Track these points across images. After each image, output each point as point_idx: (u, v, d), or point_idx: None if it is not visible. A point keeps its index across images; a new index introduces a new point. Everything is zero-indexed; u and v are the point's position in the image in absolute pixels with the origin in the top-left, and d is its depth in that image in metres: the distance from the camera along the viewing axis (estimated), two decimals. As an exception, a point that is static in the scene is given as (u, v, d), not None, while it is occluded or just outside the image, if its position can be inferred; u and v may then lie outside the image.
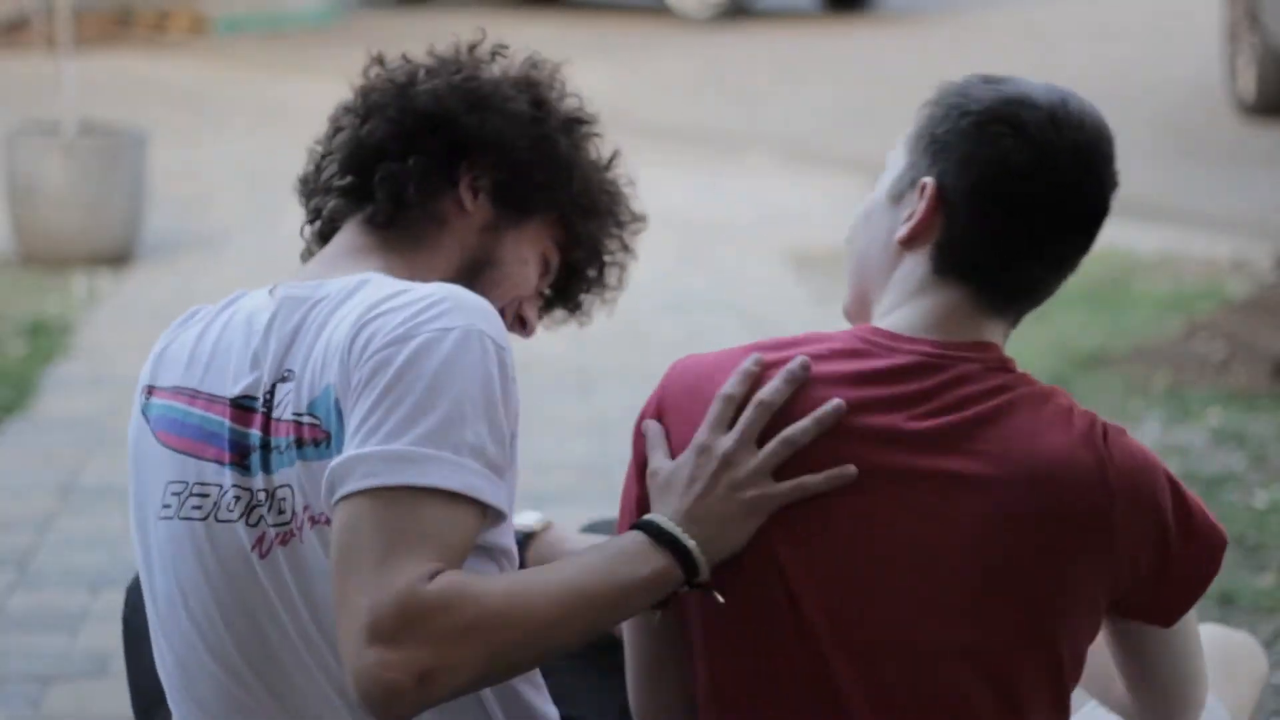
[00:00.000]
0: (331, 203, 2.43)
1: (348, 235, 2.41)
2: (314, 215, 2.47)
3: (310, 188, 2.47)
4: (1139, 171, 10.54)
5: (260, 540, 2.19)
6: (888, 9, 17.59)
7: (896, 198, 2.23)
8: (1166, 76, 12.95)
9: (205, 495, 2.22)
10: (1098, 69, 13.53)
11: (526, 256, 2.44)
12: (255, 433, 2.20)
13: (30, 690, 4.08)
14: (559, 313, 2.57)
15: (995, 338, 2.20)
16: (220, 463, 2.22)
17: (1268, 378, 6.12)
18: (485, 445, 2.07)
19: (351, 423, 2.09)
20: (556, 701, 2.32)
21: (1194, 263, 8.02)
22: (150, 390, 2.31)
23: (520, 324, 2.48)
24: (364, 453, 2.04)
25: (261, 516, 2.19)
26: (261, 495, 2.19)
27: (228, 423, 2.22)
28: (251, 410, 2.21)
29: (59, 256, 8.06)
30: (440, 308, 2.13)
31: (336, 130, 2.45)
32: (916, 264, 2.20)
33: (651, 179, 10.53)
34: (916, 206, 2.19)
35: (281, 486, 2.18)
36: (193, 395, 2.26)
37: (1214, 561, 2.19)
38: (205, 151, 10.99)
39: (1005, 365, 2.18)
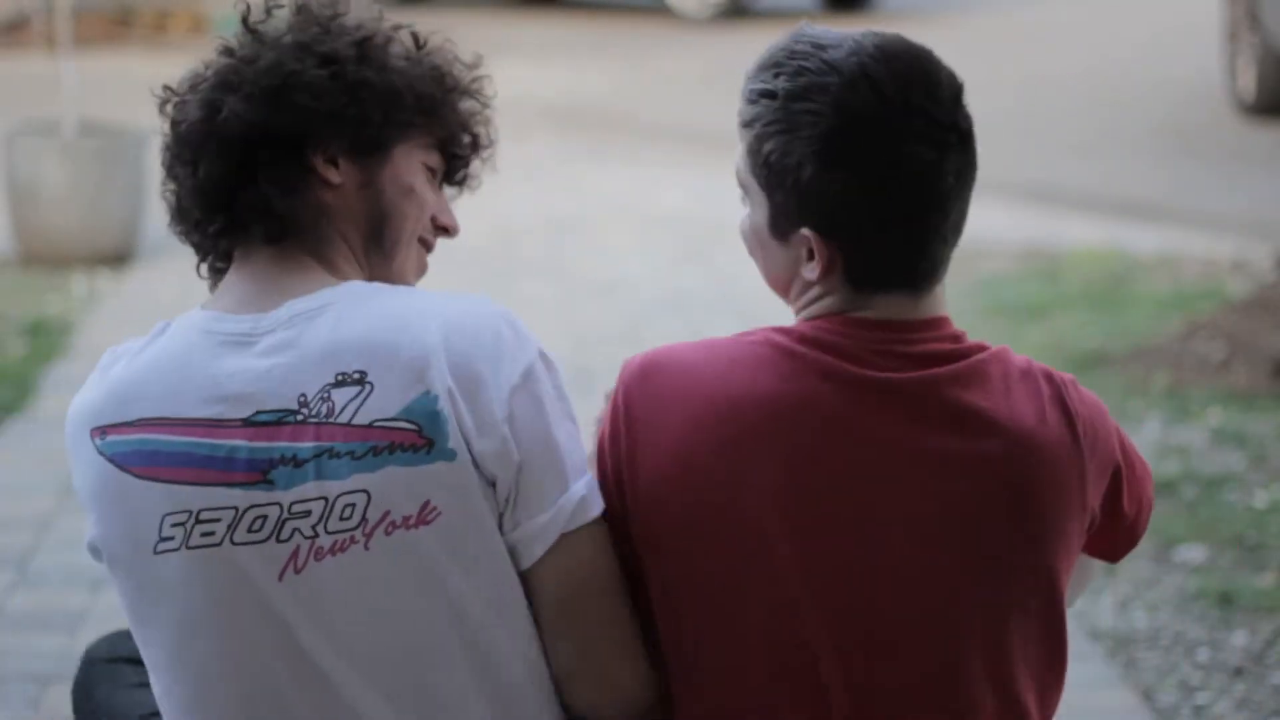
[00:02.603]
0: (222, 244, 2.38)
1: (257, 259, 2.36)
2: (204, 255, 2.43)
3: (184, 228, 2.41)
4: (1139, 171, 10.54)
5: (294, 555, 2.19)
6: (888, 9, 17.58)
7: (781, 238, 2.27)
8: (1166, 76, 12.94)
9: (216, 520, 2.20)
10: (1098, 69, 13.53)
11: (409, 183, 2.39)
12: (284, 445, 2.19)
13: (30, 690, 4.08)
14: (452, 190, 2.52)
15: (938, 310, 2.25)
16: (229, 485, 2.20)
17: (1268, 378, 6.12)
18: None
19: None
20: None
21: (1194, 263, 8.02)
22: (104, 430, 2.27)
23: (444, 232, 2.44)
24: None
25: (296, 529, 2.19)
26: (300, 507, 2.19)
27: (243, 443, 2.20)
28: (279, 424, 2.20)
29: (59, 256, 8.05)
30: None
31: (174, 173, 2.40)
32: (839, 285, 2.24)
33: (651, 179, 10.53)
34: (812, 255, 2.23)
35: (349, 493, 2.18)
36: (174, 425, 2.23)
37: (1150, 500, 2.32)
38: (205, 151, 10.96)
39: (958, 336, 2.24)
